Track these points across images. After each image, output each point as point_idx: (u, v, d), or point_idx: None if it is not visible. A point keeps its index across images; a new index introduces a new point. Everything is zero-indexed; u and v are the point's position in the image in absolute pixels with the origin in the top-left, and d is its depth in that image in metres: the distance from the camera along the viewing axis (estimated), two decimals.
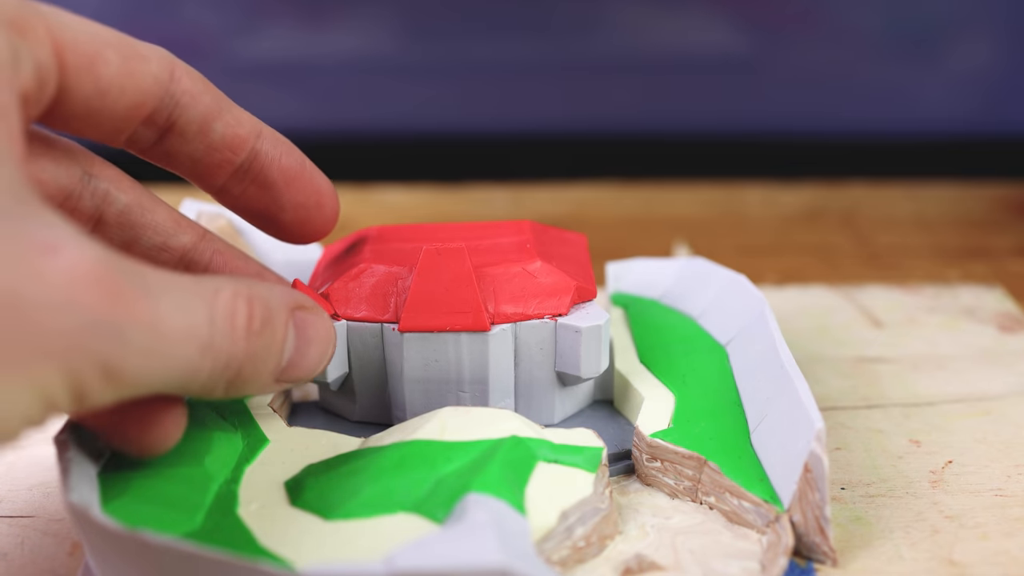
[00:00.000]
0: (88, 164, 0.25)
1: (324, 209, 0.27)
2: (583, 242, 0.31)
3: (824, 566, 0.25)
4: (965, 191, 0.54)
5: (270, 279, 0.28)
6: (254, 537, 0.23)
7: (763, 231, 0.49)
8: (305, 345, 0.24)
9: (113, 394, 0.19)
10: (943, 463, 0.29)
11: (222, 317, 0.21)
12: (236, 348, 0.21)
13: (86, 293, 0.18)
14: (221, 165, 0.25)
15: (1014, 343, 0.36)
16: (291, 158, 0.27)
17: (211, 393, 0.22)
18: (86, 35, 0.22)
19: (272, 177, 0.26)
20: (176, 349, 0.20)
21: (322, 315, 0.24)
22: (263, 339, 0.22)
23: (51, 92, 0.21)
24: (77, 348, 0.18)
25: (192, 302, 0.20)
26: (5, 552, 0.26)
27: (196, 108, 0.24)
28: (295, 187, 0.27)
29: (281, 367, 0.23)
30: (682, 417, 0.28)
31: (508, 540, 0.21)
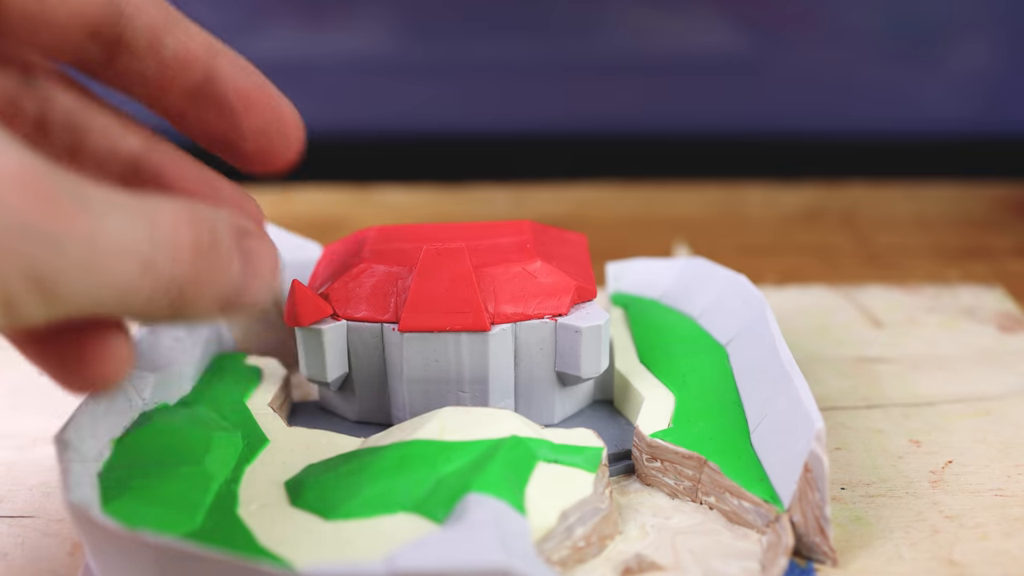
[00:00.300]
0: (28, 67, 0.24)
1: (287, 136, 0.26)
2: (583, 242, 0.31)
3: (824, 566, 0.25)
4: (965, 191, 0.54)
5: (225, 190, 0.27)
6: (254, 537, 0.23)
7: (763, 231, 0.49)
8: (252, 275, 0.23)
9: (45, 309, 0.19)
10: (943, 463, 0.29)
11: (164, 236, 0.20)
12: (179, 270, 0.21)
13: (12, 195, 0.18)
14: (174, 84, 0.25)
15: (1014, 343, 0.36)
16: (249, 80, 0.26)
17: (153, 315, 0.21)
18: None
19: (229, 100, 0.25)
20: (115, 264, 0.19)
21: (268, 243, 0.23)
22: (208, 262, 0.21)
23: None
24: (2, 250, 0.18)
25: (133, 220, 0.20)
26: (5, 552, 0.26)
27: (142, 19, 0.23)
28: (255, 111, 0.26)
29: (227, 294, 0.22)
30: (682, 417, 0.28)
31: (508, 540, 0.21)
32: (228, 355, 0.31)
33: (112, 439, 0.25)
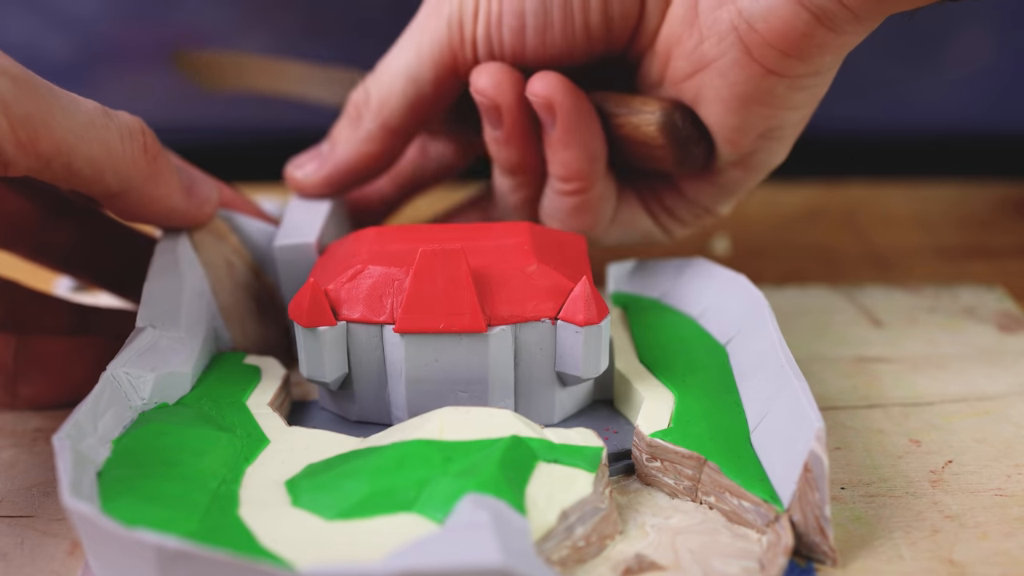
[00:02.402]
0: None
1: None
2: (582, 243, 0.31)
3: (824, 566, 0.25)
4: (965, 191, 0.54)
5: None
6: (254, 537, 0.23)
7: (763, 231, 0.49)
8: (194, 181, 0.30)
9: (28, 151, 0.24)
10: (943, 463, 0.29)
11: (129, 121, 0.28)
12: (147, 148, 0.28)
13: (4, 62, 0.24)
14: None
15: (1014, 343, 0.36)
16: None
17: (132, 175, 0.27)
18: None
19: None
20: (93, 115, 0.26)
21: (194, 169, 0.31)
22: (161, 159, 0.29)
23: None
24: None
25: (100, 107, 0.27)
26: (5, 552, 0.26)
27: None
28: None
29: (180, 186, 0.30)
30: (682, 417, 0.28)
31: (508, 540, 0.21)
32: (228, 355, 0.31)
33: (112, 439, 0.25)
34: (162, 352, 0.28)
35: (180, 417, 0.27)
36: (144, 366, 0.27)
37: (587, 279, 0.27)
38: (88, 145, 0.26)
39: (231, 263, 0.32)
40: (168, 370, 0.28)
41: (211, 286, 0.31)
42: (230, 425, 0.27)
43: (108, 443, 0.25)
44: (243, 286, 0.32)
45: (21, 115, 0.24)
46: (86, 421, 0.25)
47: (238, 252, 0.32)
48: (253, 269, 0.33)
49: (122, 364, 0.27)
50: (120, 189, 0.28)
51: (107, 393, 0.26)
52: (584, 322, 0.27)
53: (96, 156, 0.26)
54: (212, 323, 0.31)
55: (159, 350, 0.28)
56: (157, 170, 0.28)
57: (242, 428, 0.27)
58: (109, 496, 0.23)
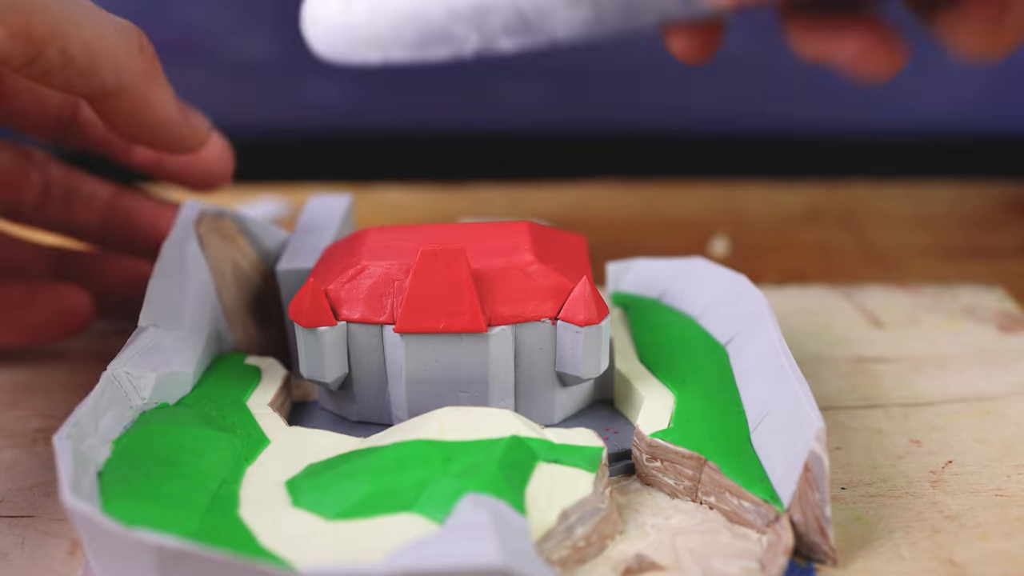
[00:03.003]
0: (27, 151, 0.34)
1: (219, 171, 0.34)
2: (582, 243, 0.31)
3: (824, 566, 0.25)
4: (965, 190, 0.54)
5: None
6: (254, 537, 0.23)
7: (763, 231, 0.49)
8: (185, 105, 0.30)
9: (21, 36, 0.24)
10: (943, 463, 0.29)
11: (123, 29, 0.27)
12: (145, 51, 0.27)
13: None
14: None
15: (1014, 343, 0.36)
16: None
17: (134, 76, 0.27)
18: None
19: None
20: (91, 17, 0.25)
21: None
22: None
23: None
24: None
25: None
26: (5, 552, 0.26)
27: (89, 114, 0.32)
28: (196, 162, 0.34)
29: (176, 105, 0.29)
30: (682, 417, 0.28)
31: (508, 540, 0.21)
32: (228, 355, 0.31)
33: (112, 439, 0.25)
34: (164, 352, 0.28)
35: (181, 417, 0.27)
36: (145, 366, 0.27)
37: (587, 279, 0.27)
38: (83, 31, 0.25)
39: (238, 265, 0.32)
40: (169, 370, 0.28)
41: (216, 287, 0.31)
42: (230, 425, 0.27)
43: (108, 443, 0.25)
44: (249, 288, 0.32)
45: (10, 1, 0.24)
46: (86, 421, 0.25)
47: (245, 254, 0.32)
48: (260, 271, 0.33)
49: (123, 364, 0.27)
50: (116, 86, 0.27)
51: (108, 393, 0.26)
52: (584, 322, 0.27)
53: (91, 43, 0.26)
54: (215, 324, 0.31)
55: (161, 350, 0.28)
56: (154, 70, 0.28)
57: (242, 428, 0.27)
58: (109, 496, 0.23)
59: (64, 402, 0.32)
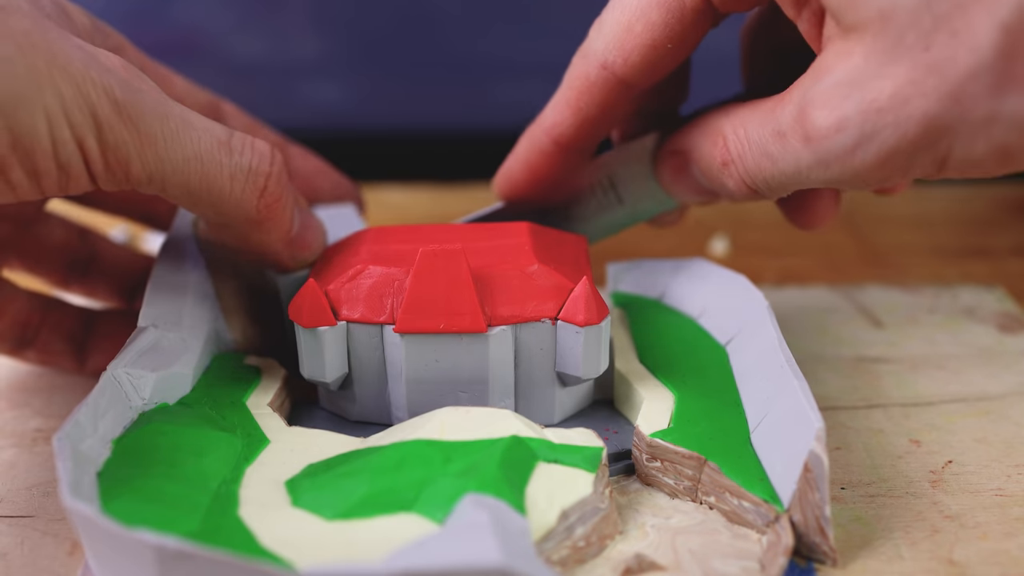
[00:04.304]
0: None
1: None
2: (582, 243, 0.31)
3: (824, 566, 0.25)
4: (965, 191, 0.54)
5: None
6: (254, 537, 0.23)
7: (763, 231, 0.49)
8: (306, 227, 0.29)
9: (117, 175, 0.24)
10: (943, 463, 0.29)
11: (251, 144, 0.26)
12: (259, 178, 0.26)
13: (117, 68, 0.24)
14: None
15: (1014, 343, 0.36)
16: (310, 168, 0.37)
17: (239, 216, 0.26)
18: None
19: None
20: (200, 136, 0.25)
21: (318, 221, 0.30)
22: (281, 189, 0.27)
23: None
24: (89, 75, 0.23)
25: (215, 125, 0.26)
26: (5, 552, 0.26)
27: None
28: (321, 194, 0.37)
29: (290, 227, 0.28)
30: (682, 417, 0.28)
31: (508, 540, 0.21)
32: (228, 355, 0.31)
33: (112, 439, 0.25)
34: (164, 352, 0.28)
35: (180, 417, 0.27)
36: (145, 366, 0.27)
37: (587, 279, 0.27)
38: (185, 177, 0.25)
39: (237, 265, 0.32)
40: (169, 371, 0.28)
41: (215, 287, 0.31)
42: (230, 425, 0.27)
43: (108, 443, 0.25)
44: (248, 288, 0.32)
45: (114, 142, 0.23)
46: (86, 421, 0.24)
47: None
48: (259, 272, 0.33)
49: (123, 364, 0.27)
50: (217, 223, 0.27)
51: (107, 393, 0.26)
52: (584, 322, 0.27)
53: (194, 189, 0.25)
54: (215, 324, 0.31)
55: (161, 350, 0.28)
56: (267, 217, 0.27)
57: (242, 428, 0.27)
58: (109, 496, 0.23)
59: (64, 402, 0.32)
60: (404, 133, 0.59)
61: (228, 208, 0.26)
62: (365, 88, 0.58)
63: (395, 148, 0.59)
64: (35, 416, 0.32)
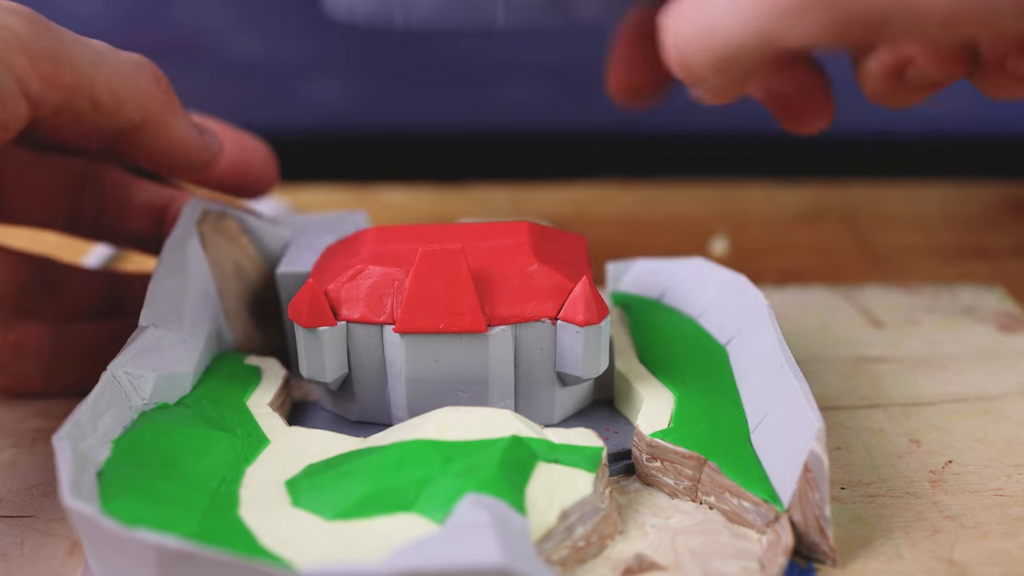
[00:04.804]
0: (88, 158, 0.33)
1: (263, 175, 0.35)
2: (582, 243, 0.31)
3: (824, 566, 0.25)
4: (965, 191, 0.54)
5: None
6: (254, 537, 0.23)
7: (763, 231, 0.49)
8: (201, 123, 0.31)
9: (53, 83, 0.25)
10: (943, 463, 0.29)
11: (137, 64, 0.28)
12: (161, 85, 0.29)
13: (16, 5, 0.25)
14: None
15: (1014, 343, 0.36)
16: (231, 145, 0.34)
17: (148, 108, 0.28)
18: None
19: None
20: (109, 60, 0.27)
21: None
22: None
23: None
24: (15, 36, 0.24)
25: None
26: (5, 552, 0.26)
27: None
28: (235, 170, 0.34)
29: (192, 126, 0.30)
30: (682, 417, 0.28)
31: (508, 540, 0.21)
32: (228, 355, 0.31)
33: (112, 439, 0.25)
34: (164, 352, 0.28)
35: (180, 417, 0.27)
36: (145, 366, 0.27)
37: (587, 279, 0.27)
38: (106, 74, 0.27)
39: (239, 265, 0.32)
40: (169, 370, 0.28)
41: (217, 287, 0.31)
42: (230, 425, 0.27)
43: (108, 443, 0.25)
44: (250, 288, 0.32)
45: (40, 50, 0.25)
46: (86, 421, 0.24)
47: (247, 254, 0.32)
48: (262, 272, 0.33)
49: (123, 364, 0.27)
50: (140, 119, 0.28)
51: (107, 393, 0.26)
52: (584, 322, 0.27)
53: (115, 85, 0.27)
54: (216, 324, 0.31)
55: (161, 350, 0.28)
56: (171, 100, 0.29)
57: (242, 428, 0.27)
58: (109, 496, 0.23)
59: (64, 402, 0.32)
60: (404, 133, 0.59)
61: (141, 95, 0.28)
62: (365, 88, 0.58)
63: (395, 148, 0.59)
64: (35, 416, 0.32)
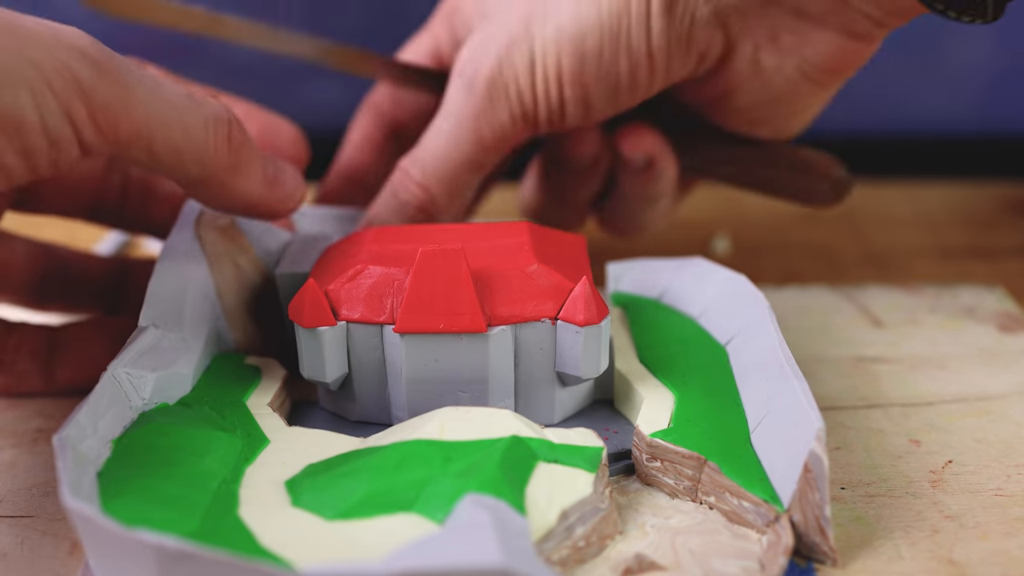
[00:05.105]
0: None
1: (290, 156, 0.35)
2: (582, 243, 0.31)
3: (824, 566, 0.25)
4: (965, 191, 0.54)
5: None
6: (254, 537, 0.23)
7: (763, 231, 0.49)
8: (281, 171, 0.30)
9: (107, 137, 0.24)
10: (943, 463, 0.29)
11: (213, 108, 0.27)
12: (230, 137, 0.27)
13: (86, 47, 0.24)
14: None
15: (1014, 343, 0.36)
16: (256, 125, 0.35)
17: (215, 166, 0.27)
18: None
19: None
20: (176, 100, 0.25)
21: (294, 169, 0.31)
22: (247, 145, 0.28)
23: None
24: (60, 41, 0.23)
25: (181, 90, 0.26)
26: (5, 552, 0.26)
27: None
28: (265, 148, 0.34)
29: (265, 174, 0.29)
30: (682, 417, 0.28)
31: (508, 540, 0.21)
32: (228, 355, 0.31)
33: (112, 439, 0.25)
34: (164, 352, 0.28)
35: (180, 417, 0.27)
36: (145, 366, 0.27)
37: (587, 279, 0.27)
38: (169, 130, 0.25)
39: (239, 265, 0.32)
40: (169, 370, 0.28)
41: (216, 287, 0.31)
42: (230, 425, 0.27)
43: (108, 443, 0.25)
44: (249, 288, 0.32)
45: (101, 102, 0.24)
46: (86, 421, 0.25)
47: (247, 254, 0.32)
48: (261, 272, 0.33)
49: (123, 364, 0.27)
50: (200, 177, 0.27)
51: (107, 393, 0.26)
52: (584, 322, 0.27)
53: (177, 142, 0.26)
54: (215, 324, 0.31)
55: (161, 350, 0.28)
56: (239, 160, 0.28)
57: (242, 428, 0.27)
58: (109, 496, 0.23)
59: (64, 402, 0.32)
60: None
61: (205, 155, 0.27)
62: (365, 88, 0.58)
63: None
64: (35, 416, 0.32)
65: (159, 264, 0.30)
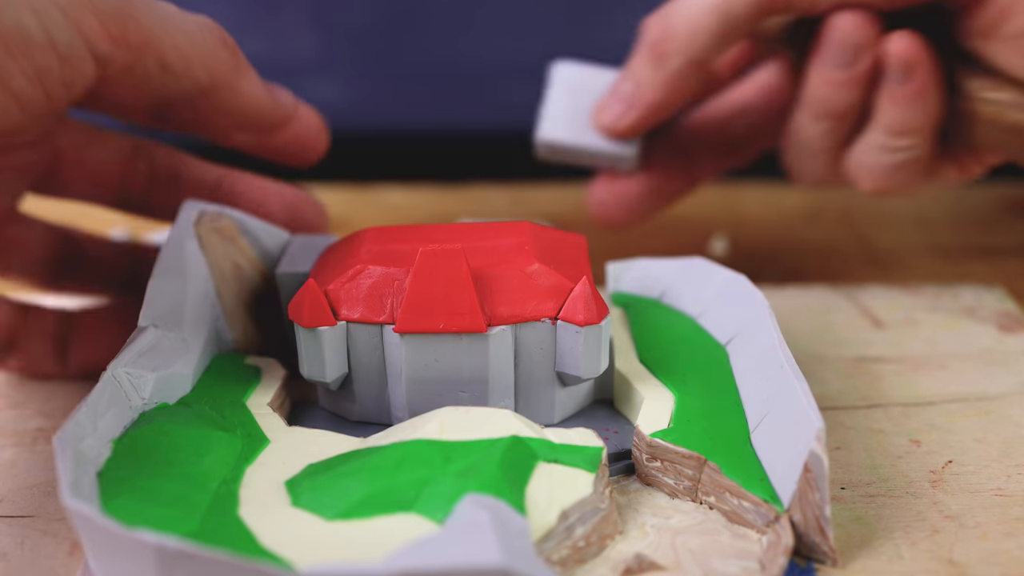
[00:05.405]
0: (137, 142, 0.33)
1: (313, 141, 0.34)
2: (582, 243, 0.31)
3: (824, 566, 0.25)
4: (966, 191, 0.54)
5: (286, 193, 0.35)
6: (254, 537, 0.23)
7: (763, 231, 0.49)
8: (272, 86, 0.31)
9: (121, 44, 0.24)
10: (943, 463, 0.29)
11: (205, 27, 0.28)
12: (228, 49, 0.28)
13: None
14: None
15: (1014, 343, 0.36)
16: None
17: (217, 71, 0.28)
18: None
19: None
20: (185, 19, 0.27)
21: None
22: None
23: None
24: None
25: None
26: (5, 552, 0.26)
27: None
28: (286, 131, 0.33)
29: (266, 93, 0.30)
30: (682, 417, 0.28)
31: (508, 540, 0.21)
32: (228, 355, 0.31)
33: (112, 439, 0.25)
34: (164, 352, 0.28)
35: (180, 417, 0.27)
36: (145, 366, 0.27)
37: (587, 279, 0.27)
38: (173, 36, 0.26)
39: (238, 265, 0.32)
40: (169, 370, 0.28)
41: (216, 287, 0.31)
42: (230, 425, 0.27)
43: (108, 443, 0.25)
44: (249, 288, 0.32)
45: (109, 10, 0.25)
46: (86, 421, 0.25)
47: (246, 254, 0.32)
48: (260, 272, 0.33)
49: (123, 364, 0.27)
50: (210, 83, 0.28)
51: (107, 393, 0.26)
52: (584, 322, 0.27)
53: (183, 47, 0.27)
54: (215, 324, 0.31)
55: (161, 350, 0.28)
56: (240, 62, 0.29)
57: (242, 428, 0.27)
58: (109, 496, 0.23)
59: (64, 402, 0.32)
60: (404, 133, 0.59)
61: (210, 58, 0.28)
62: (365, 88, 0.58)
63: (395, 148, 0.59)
64: (35, 416, 0.32)
65: (158, 264, 0.30)
